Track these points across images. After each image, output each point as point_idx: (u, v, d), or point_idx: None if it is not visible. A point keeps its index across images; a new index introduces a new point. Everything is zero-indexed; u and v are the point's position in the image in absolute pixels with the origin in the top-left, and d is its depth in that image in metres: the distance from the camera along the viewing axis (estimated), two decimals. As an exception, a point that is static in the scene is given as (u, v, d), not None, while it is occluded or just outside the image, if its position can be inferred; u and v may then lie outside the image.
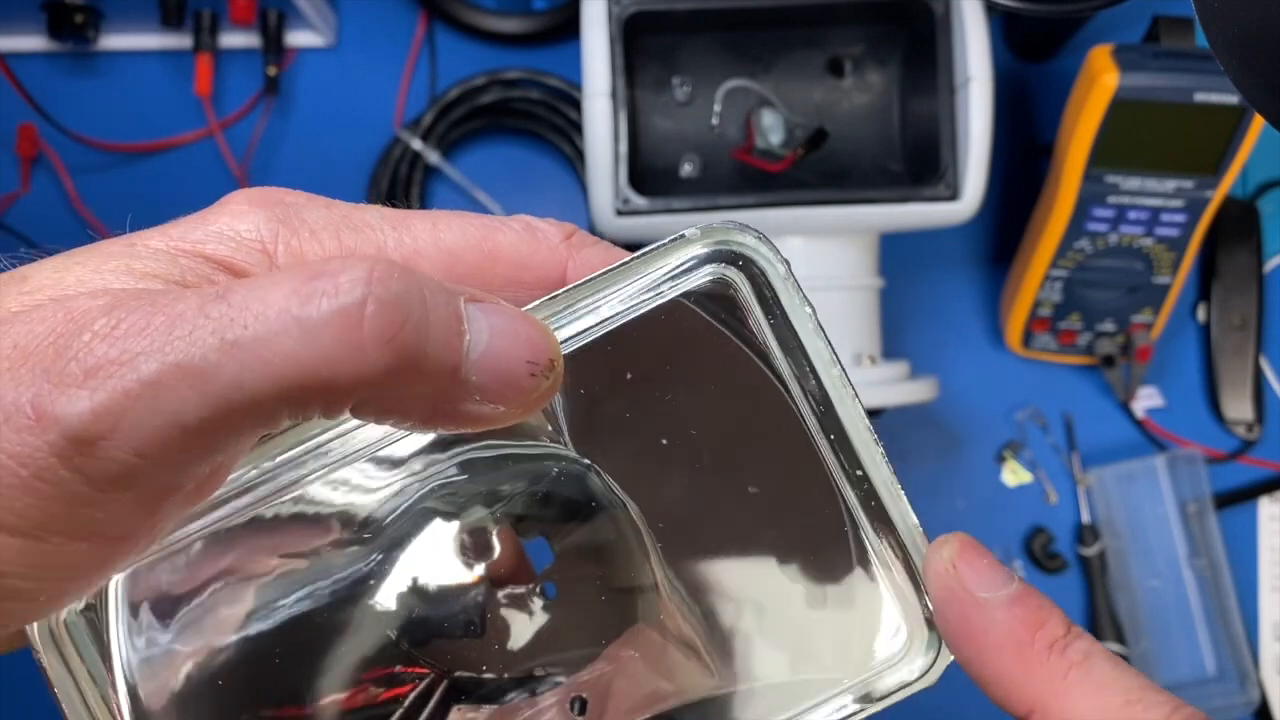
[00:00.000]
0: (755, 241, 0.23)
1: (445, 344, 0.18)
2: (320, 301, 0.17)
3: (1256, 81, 0.27)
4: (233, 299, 0.17)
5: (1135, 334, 0.64)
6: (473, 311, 0.18)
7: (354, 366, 0.17)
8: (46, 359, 0.17)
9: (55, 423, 0.16)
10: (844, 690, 0.23)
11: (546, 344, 0.19)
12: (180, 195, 0.69)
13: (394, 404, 0.18)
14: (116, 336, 0.17)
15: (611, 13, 0.55)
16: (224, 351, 0.16)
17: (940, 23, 0.55)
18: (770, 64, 0.60)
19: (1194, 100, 0.55)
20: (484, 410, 0.19)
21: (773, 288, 0.23)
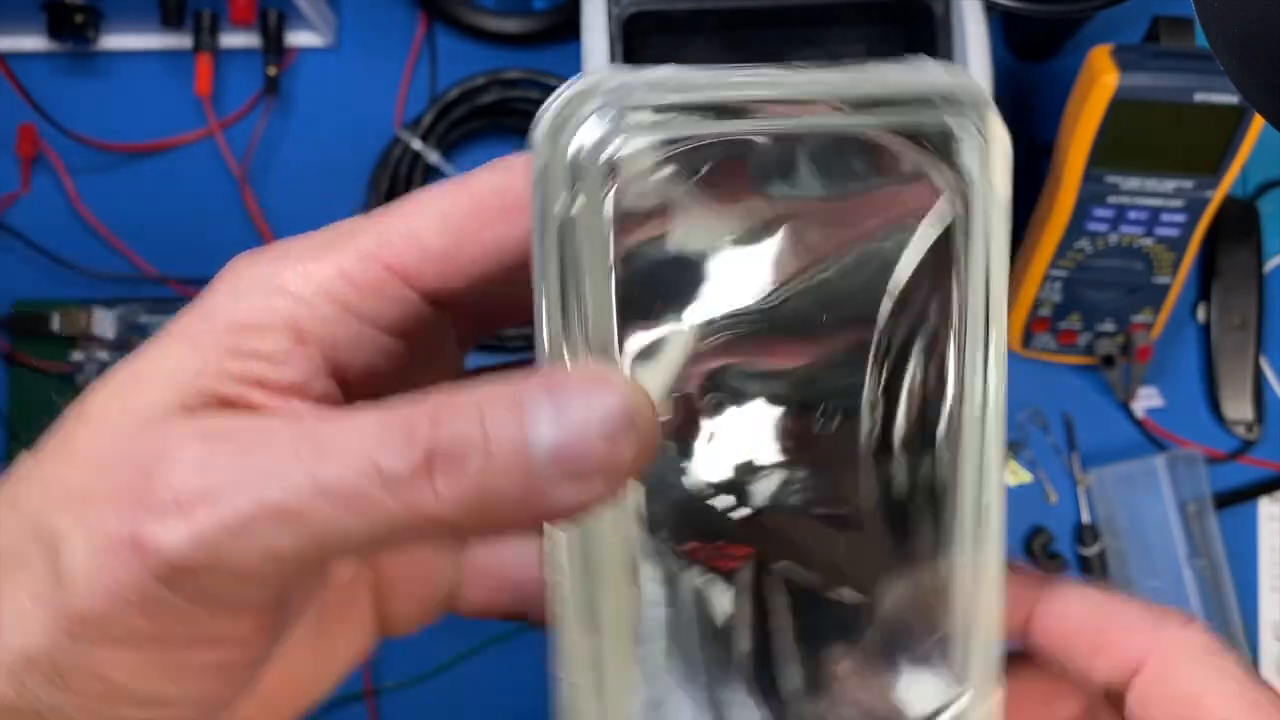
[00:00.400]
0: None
1: (511, 464, 0.18)
2: (394, 454, 0.18)
3: (1256, 81, 0.27)
4: (319, 440, 0.18)
5: (1135, 334, 0.64)
6: (537, 405, 0.18)
7: (434, 512, 0.18)
8: (141, 490, 0.18)
9: (156, 552, 0.17)
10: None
11: (618, 405, 0.18)
12: (180, 195, 0.69)
13: (486, 525, 0.19)
14: (209, 469, 0.18)
15: (611, 13, 0.55)
16: (315, 494, 0.17)
17: (940, 23, 0.55)
18: (770, 64, 0.60)
19: (1194, 100, 0.55)
20: (580, 496, 0.18)
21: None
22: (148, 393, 0.19)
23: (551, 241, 0.19)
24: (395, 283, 0.21)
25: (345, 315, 0.21)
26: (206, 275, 0.20)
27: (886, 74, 0.21)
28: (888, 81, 0.21)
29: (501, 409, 0.18)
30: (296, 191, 0.69)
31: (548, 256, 0.19)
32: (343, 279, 0.21)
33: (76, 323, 0.66)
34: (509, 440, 0.18)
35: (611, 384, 0.18)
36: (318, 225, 0.74)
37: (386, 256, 0.21)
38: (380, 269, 0.21)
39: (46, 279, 0.68)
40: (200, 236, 0.69)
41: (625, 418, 0.18)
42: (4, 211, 0.69)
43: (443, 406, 0.18)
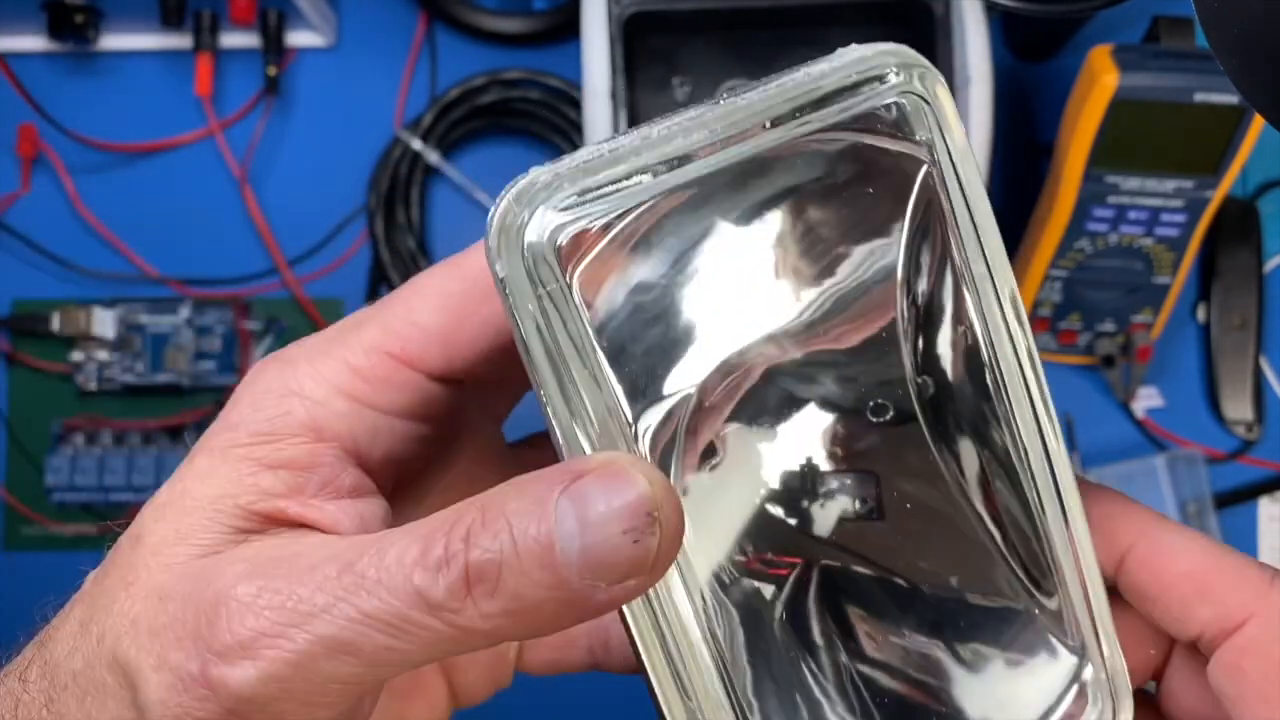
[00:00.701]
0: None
1: (543, 574, 0.18)
2: (433, 579, 0.18)
3: (1256, 81, 0.27)
4: (362, 568, 0.18)
5: (1135, 334, 0.64)
6: (560, 510, 0.18)
7: (479, 628, 0.18)
8: (204, 631, 0.19)
9: (225, 689, 0.19)
10: None
11: (637, 500, 0.18)
12: (180, 196, 0.69)
13: (534, 631, 0.19)
14: (263, 607, 0.19)
15: (611, 13, 0.55)
16: (366, 626, 0.18)
17: (940, 23, 0.55)
18: (770, 64, 0.60)
19: (1194, 100, 0.55)
20: (617, 594, 0.18)
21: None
22: (195, 519, 0.21)
23: (534, 339, 0.20)
24: (402, 370, 0.22)
25: (359, 408, 0.22)
26: (207, 275, 0.20)
27: (804, 77, 0.22)
28: (806, 84, 0.22)
29: (527, 518, 0.18)
30: (296, 191, 0.69)
31: (534, 353, 0.20)
32: (352, 374, 0.22)
33: (76, 322, 0.66)
34: (537, 551, 0.18)
35: (628, 477, 0.18)
36: (318, 225, 0.73)
37: (390, 346, 0.22)
38: (385, 359, 0.22)
39: (46, 279, 0.68)
40: (200, 236, 0.69)
41: (646, 512, 0.18)
42: (4, 211, 0.69)
43: (475, 523, 0.18)
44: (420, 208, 0.68)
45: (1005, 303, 0.23)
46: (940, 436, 0.23)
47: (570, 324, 0.20)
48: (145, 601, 0.20)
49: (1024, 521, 0.23)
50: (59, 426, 0.67)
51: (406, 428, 0.23)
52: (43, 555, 0.67)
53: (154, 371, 0.67)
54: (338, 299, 0.68)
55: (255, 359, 0.66)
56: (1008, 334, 0.23)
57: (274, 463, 0.21)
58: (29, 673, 0.22)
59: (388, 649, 0.18)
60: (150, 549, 0.21)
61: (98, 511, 0.67)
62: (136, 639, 0.20)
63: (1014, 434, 0.23)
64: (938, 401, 0.23)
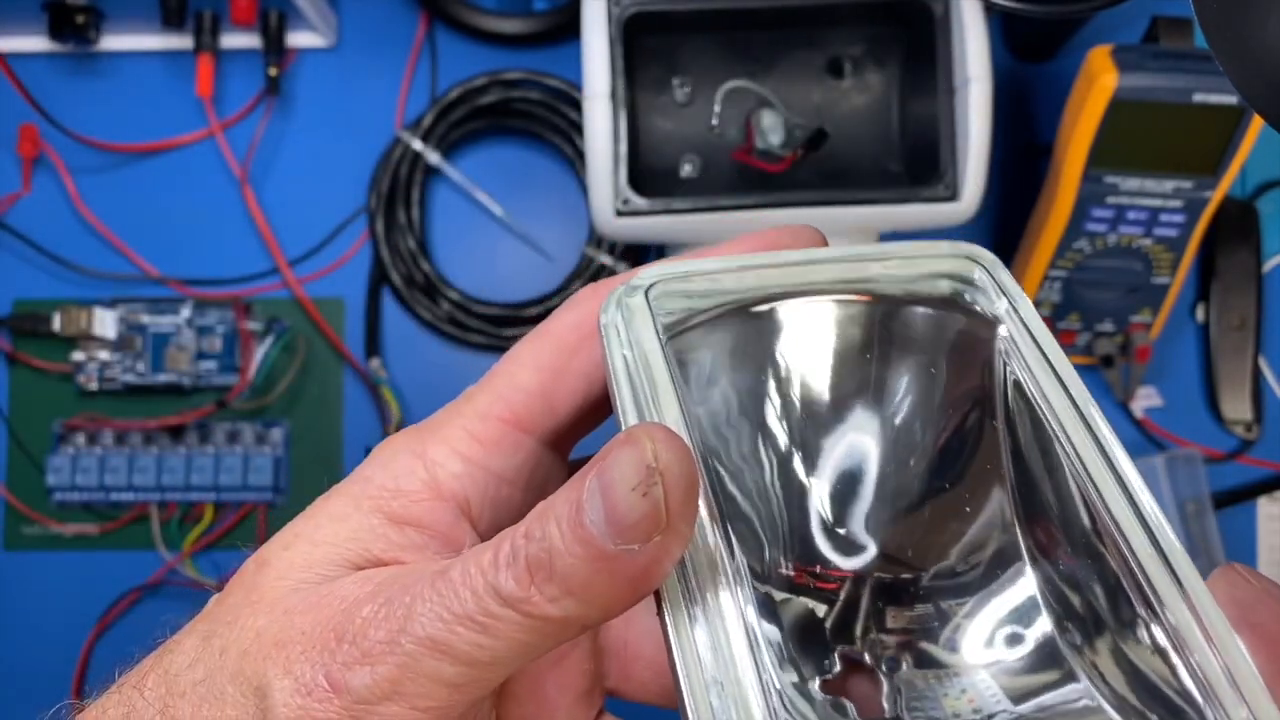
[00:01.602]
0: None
1: (579, 546, 0.19)
2: (505, 574, 0.20)
3: (1255, 82, 0.27)
4: (451, 575, 0.21)
5: (1134, 334, 0.64)
6: (588, 487, 0.20)
7: (548, 613, 0.20)
8: (331, 643, 0.21)
9: (347, 692, 0.21)
10: None
11: (636, 455, 0.19)
12: (181, 196, 0.69)
13: (599, 610, 0.20)
14: (381, 619, 0.21)
15: (611, 14, 0.55)
16: (456, 624, 0.20)
17: (939, 23, 0.56)
18: (770, 65, 0.60)
19: (1193, 101, 0.55)
20: (649, 553, 0.19)
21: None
22: (325, 552, 0.23)
23: (620, 376, 0.23)
24: (512, 432, 0.25)
25: (474, 469, 0.25)
26: (208, 275, 0.20)
27: (893, 263, 0.25)
28: (893, 273, 0.25)
29: (564, 502, 0.20)
30: (297, 192, 0.69)
31: (620, 389, 0.23)
32: (469, 438, 0.25)
33: (77, 322, 0.66)
34: (571, 526, 0.20)
35: (634, 439, 0.19)
36: (319, 226, 0.74)
37: (500, 411, 0.25)
38: (497, 423, 0.25)
39: (47, 279, 0.69)
40: (201, 237, 0.69)
41: (646, 469, 0.19)
42: (5, 211, 0.69)
43: (532, 517, 0.20)
44: (421, 208, 0.68)
45: (1114, 453, 0.23)
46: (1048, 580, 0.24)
47: (658, 371, 0.23)
48: (270, 615, 0.22)
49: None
50: (60, 426, 0.67)
51: (510, 495, 0.25)
52: (44, 555, 0.67)
53: (155, 371, 0.67)
54: (338, 299, 0.68)
55: (256, 358, 0.66)
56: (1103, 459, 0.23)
57: (402, 518, 0.24)
58: (145, 681, 0.23)
59: (477, 645, 0.20)
60: (277, 573, 0.23)
61: (99, 511, 0.67)
62: (261, 649, 0.22)
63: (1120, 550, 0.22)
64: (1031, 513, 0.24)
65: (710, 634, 0.20)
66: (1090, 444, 0.23)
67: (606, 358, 0.23)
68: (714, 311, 0.24)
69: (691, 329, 0.24)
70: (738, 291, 0.24)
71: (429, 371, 0.68)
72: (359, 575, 0.23)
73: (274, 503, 0.67)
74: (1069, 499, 0.23)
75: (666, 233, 0.56)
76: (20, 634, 0.67)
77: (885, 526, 0.25)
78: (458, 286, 0.67)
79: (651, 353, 0.23)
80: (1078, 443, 0.23)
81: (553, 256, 0.69)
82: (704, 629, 0.20)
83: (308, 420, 0.68)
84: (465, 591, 0.20)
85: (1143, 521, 0.21)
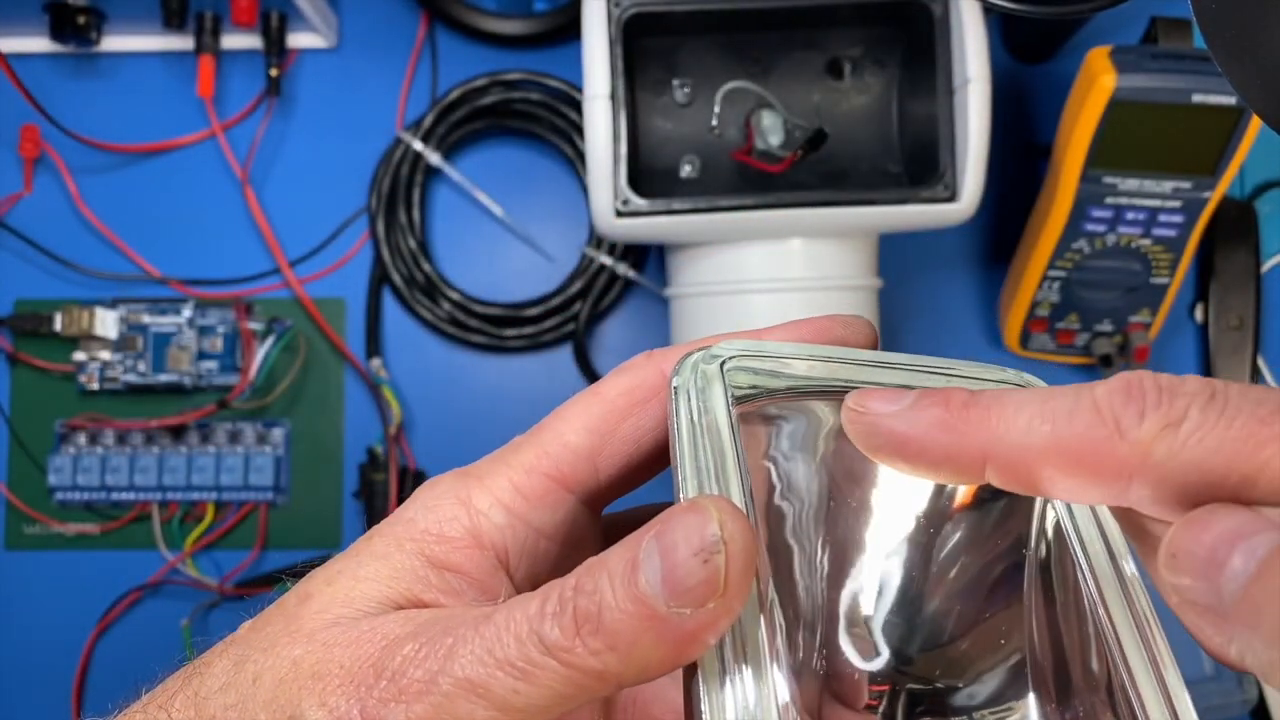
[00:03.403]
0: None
1: (631, 605, 0.20)
2: (550, 623, 0.20)
3: (1254, 83, 0.27)
4: (496, 619, 0.21)
5: (1133, 334, 0.64)
6: (646, 548, 0.20)
7: (590, 666, 0.20)
8: (369, 678, 0.21)
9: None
10: None
11: (701, 523, 0.20)
12: (182, 196, 0.69)
13: (641, 669, 0.20)
14: (421, 659, 0.21)
15: (611, 14, 0.55)
16: (496, 668, 0.20)
17: (939, 24, 0.56)
18: (770, 66, 0.60)
19: (1192, 101, 0.55)
20: (701, 619, 0.20)
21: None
22: (365, 589, 0.24)
23: (685, 438, 0.23)
24: (556, 489, 0.25)
25: (515, 521, 0.25)
26: (209, 275, 0.20)
27: (955, 379, 0.25)
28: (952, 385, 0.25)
29: (619, 559, 0.20)
30: (298, 192, 0.69)
31: (682, 451, 0.23)
32: (514, 490, 0.25)
33: (79, 322, 0.66)
34: (625, 583, 0.20)
35: (701, 508, 0.20)
36: (320, 226, 0.74)
37: (545, 467, 0.25)
38: (543, 479, 0.25)
39: (48, 279, 0.69)
40: (202, 237, 0.69)
41: (712, 536, 0.19)
42: (6, 211, 0.69)
43: (584, 574, 0.21)
44: (421, 208, 0.68)
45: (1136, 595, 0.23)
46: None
47: (721, 439, 0.23)
48: (309, 647, 0.23)
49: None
50: (61, 426, 0.67)
51: (548, 549, 0.26)
52: (45, 555, 0.67)
53: (156, 371, 0.67)
54: (339, 299, 0.68)
55: (258, 358, 0.66)
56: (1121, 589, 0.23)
57: (442, 563, 0.24)
58: (174, 702, 0.23)
59: (514, 691, 0.20)
60: (318, 606, 0.24)
61: (100, 511, 0.67)
62: (298, 679, 0.22)
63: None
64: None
65: (741, 708, 0.20)
66: (1121, 604, 0.23)
67: (672, 419, 0.24)
68: (783, 395, 0.25)
69: (756, 406, 0.25)
70: (809, 379, 0.25)
71: (430, 372, 0.69)
72: (401, 615, 0.23)
73: (275, 502, 0.67)
74: (1089, 652, 0.23)
75: (666, 233, 0.57)
76: (21, 633, 0.67)
77: (914, 640, 0.25)
78: (458, 287, 0.68)
79: (722, 423, 0.23)
80: (1109, 600, 0.23)
81: (553, 257, 0.69)
82: (735, 703, 0.20)
83: (309, 420, 0.68)
84: (508, 637, 0.21)
85: (1165, 694, 0.22)
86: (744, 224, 0.55)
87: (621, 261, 0.67)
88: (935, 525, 0.26)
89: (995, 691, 0.25)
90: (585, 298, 0.68)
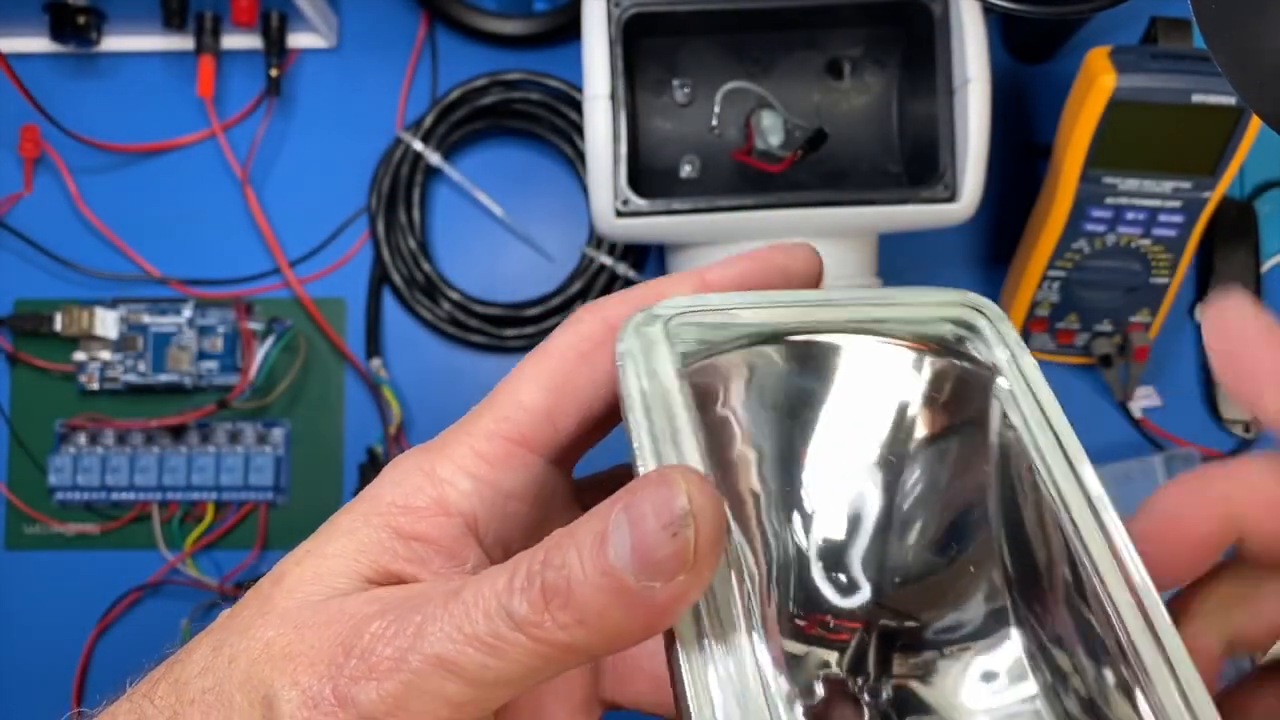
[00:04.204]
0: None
1: (601, 578, 0.20)
2: (518, 597, 0.20)
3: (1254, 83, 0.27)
4: (464, 595, 0.21)
5: (1133, 334, 0.64)
6: (615, 520, 0.20)
7: (559, 640, 0.20)
8: (339, 657, 0.21)
9: (353, 706, 0.21)
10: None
11: (669, 496, 0.19)
12: (182, 196, 0.69)
13: (612, 641, 0.20)
14: (390, 636, 0.21)
15: (611, 15, 0.55)
16: (465, 644, 0.20)
17: (939, 24, 0.56)
18: (770, 66, 0.61)
19: (1191, 101, 0.55)
20: (671, 592, 0.20)
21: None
22: (334, 567, 0.24)
23: (636, 405, 0.23)
24: (518, 450, 0.26)
25: (481, 486, 0.25)
26: (209, 275, 0.20)
27: (900, 308, 0.26)
28: (900, 315, 0.25)
29: (586, 531, 0.20)
30: (298, 192, 0.69)
31: (635, 418, 0.23)
32: (476, 457, 0.25)
33: (79, 322, 0.66)
34: (593, 556, 0.20)
35: (668, 479, 0.20)
36: (320, 226, 0.74)
37: (505, 430, 0.26)
38: (504, 443, 0.26)
39: (49, 279, 0.69)
40: (202, 237, 0.69)
41: (681, 509, 0.19)
42: (7, 211, 0.69)
43: (552, 546, 0.20)
44: (421, 209, 0.68)
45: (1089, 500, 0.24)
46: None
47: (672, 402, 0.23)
48: (280, 628, 0.23)
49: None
50: (61, 426, 0.67)
51: (517, 510, 0.26)
52: (45, 554, 0.67)
53: (156, 371, 0.67)
54: (340, 299, 0.68)
55: (258, 358, 0.66)
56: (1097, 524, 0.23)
57: (409, 533, 0.24)
58: (156, 690, 0.23)
59: (484, 666, 0.20)
60: (288, 587, 0.24)
61: (100, 511, 0.67)
62: (270, 660, 0.22)
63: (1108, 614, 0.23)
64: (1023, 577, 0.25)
65: (723, 675, 0.20)
66: (1084, 505, 0.23)
67: (622, 387, 0.24)
68: (729, 345, 0.25)
69: (706, 361, 0.25)
70: (755, 327, 0.25)
71: (430, 372, 0.69)
72: (368, 595, 0.23)
73: (275, 502, 0.67)
74: (1058, 559, 0.23)
75: (666, 233, 0.57)
76: (21, 633, 0.67)
77: (886, 575, 0.25)
78: (458, 287, 0.68)
79: (670, 388, 0.23)
80: (1070, 503, 0.23)
81: (553, 257, 0.69)
82: (716, 670, 0.20)
83: (309, 420, 0.68)
84: (477, 613, 0.21)
85: (1134, 593, 0.22)
86: (744, 224, 0.55)
87: (621, 261, 0.67)
88: (899, 458, 0.26)
89: (971, 622, 0.25)
90: (585, 298, 0.68)
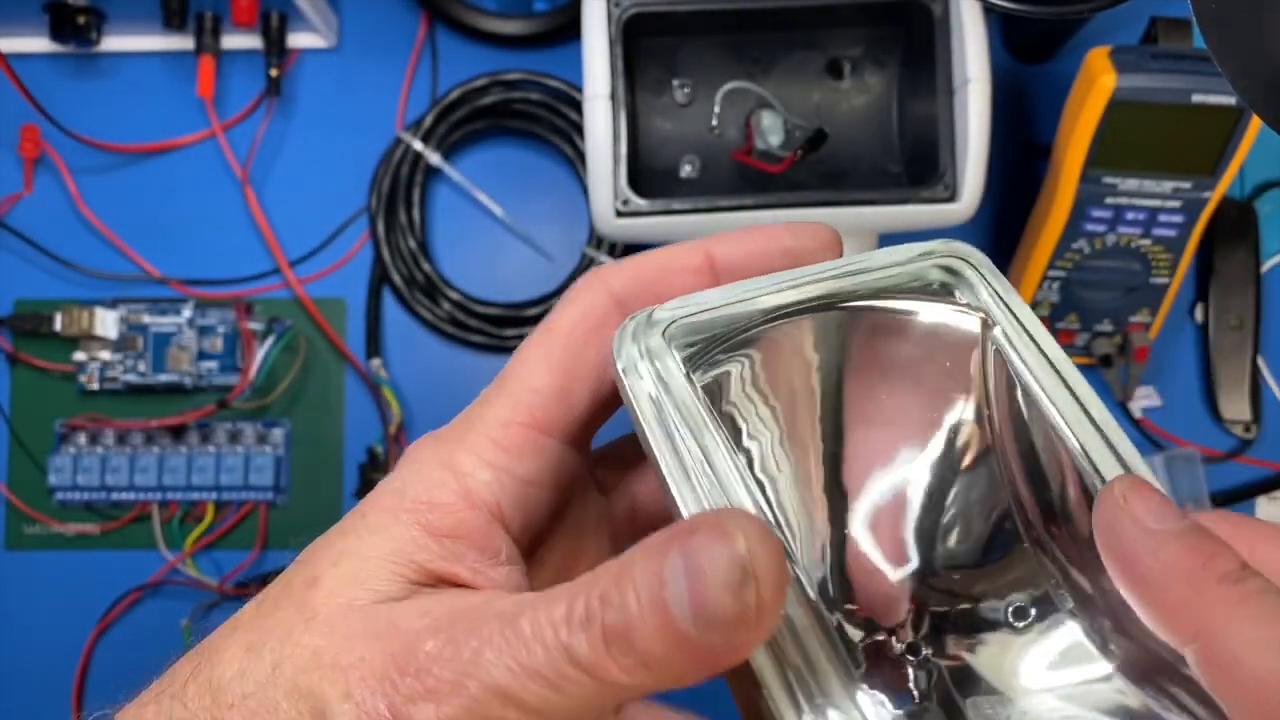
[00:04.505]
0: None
1: (661, 628, 0.19)
2: (580, 638, 0.20)
3: (1254, 83, 0.27)
4: (522, 625, 0.21)
5: (1133, 334, 0.64)
6: (672, 570, 0.19)
7: (620, 681, 0.20)
8: (393, 673, 0.21)
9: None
10: None
11: (734, 558, 0.19)
12: (182, 196, 0.69)
13: (670, 682, 0.20)
14: (446, 658, 0.21)
15: (611, 15, 0.55)
16: (526, 678, 0.20)
17: (939, 24, 0.56)
18: (770, 66, 0.61)
19: (1191, 102, 0.55)
20: (732, 644, 0.19)
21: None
22: (373, 569, 0.24)
23: (650, 415, 0.23)
24: (534, 436, 0.25)
25: (502, 476, 0.25)
26: (209, 275, 0.20)
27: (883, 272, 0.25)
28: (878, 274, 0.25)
29: (644, 574, 0.20)
30: (298, 192, 0.69)
31: (651, 428, 0.23)
32: (494, 446, 0.25)
33: (79, 322, 0.66)
34: (653, 604, 0.19)
35: (728, 535, 0.19)
36: (320, 226, 0.74)
37: (520, 417, 0.25)
38: (519, 429, 0.25)
39: (49, 279, 0.69)
40: (202, 237, 0.69)
41: (741, 570, 0.19)
42: (7, 211, 0.69)
43: (609, 585, 0.20)
44: (421, 208, 0.68)
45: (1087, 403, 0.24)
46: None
47: (685, 402, 0.23)
48: (329, 637, 0.22)
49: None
50: (61, 426, 0.67)
51: (539, 495, 0.26)
52: (45, 555, 0.67)
53: (156, 371, 0.67)
54: (340, 299, 0.68)
55: (258, 358, 0.66)
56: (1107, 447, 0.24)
57: (440, 530, 0.24)
58: (186, 690, 0.23)
59: (546, 700, 0.20)
60: (328, 591, 0.23)
61: (100, 511, 0.67)
62: (320, 670, 0.22)
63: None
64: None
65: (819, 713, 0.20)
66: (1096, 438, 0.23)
67: (632, 404, 0.23)
68: (727, 342, 0.25)
69: (711, 360, 0.25)
70: (748, 318, 0.25)
71: (430, 371, 0.69)
72: (415, 605, 0.23)
73: (275, 502, 0.67)
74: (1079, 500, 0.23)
75: (666, 233, 0.57)
76: (21, 633, 0.67)
77: (937, 555, 0.25)
78: (458, 287, 0.68)
79: (687, 400, 0.23)
80: (1083, 438, 0.23)
81: (553, 257, 0.69)
82: (809, 707, 0.20)
83: (309, 420, 0.68)
84: (536, 645, 0.20)
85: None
86: (744, 224, 0.55)
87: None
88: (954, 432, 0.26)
89: (1022, 601, 0.25)
90: (585, 298, 0.67)
